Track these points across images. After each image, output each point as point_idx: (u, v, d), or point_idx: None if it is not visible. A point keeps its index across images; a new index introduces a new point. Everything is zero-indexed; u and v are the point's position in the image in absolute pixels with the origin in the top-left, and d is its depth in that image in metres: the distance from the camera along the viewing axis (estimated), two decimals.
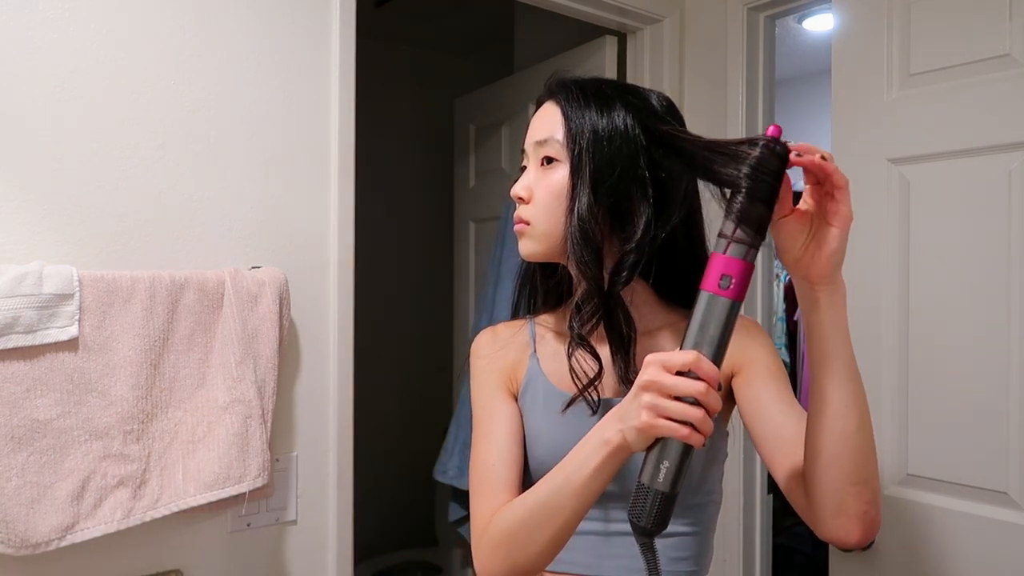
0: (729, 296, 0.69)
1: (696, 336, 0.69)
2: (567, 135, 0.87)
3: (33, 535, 0.98)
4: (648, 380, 0.66)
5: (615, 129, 0.85)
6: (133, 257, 1.14)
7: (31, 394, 1.00)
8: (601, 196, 0.84)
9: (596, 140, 0.85)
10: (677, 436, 0.65)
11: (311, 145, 1.31)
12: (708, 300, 0.69)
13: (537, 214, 0.88)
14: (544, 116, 0.91)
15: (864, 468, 0.71)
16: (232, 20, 1.22)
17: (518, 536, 0.79)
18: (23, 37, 1.05)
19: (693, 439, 0.65)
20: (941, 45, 1.32)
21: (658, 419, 0.65)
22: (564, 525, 0.76)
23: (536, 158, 0.90)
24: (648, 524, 0.68)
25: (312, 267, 1.31)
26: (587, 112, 0.86)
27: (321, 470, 1.32)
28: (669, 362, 0.66)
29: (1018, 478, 1.22)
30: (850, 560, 1.41)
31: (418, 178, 3.17)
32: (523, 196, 0.90)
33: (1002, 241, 1.24)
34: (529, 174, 0.91)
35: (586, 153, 0.85)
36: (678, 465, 0.67)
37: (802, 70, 3.42)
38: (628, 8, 1.77)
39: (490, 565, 0.82)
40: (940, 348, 1.31)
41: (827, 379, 0.71)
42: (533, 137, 0.91)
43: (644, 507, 0.68)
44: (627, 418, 0.69)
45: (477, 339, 1.00)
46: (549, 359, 0.94)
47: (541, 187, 0.88)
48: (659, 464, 0.67)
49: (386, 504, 3.00)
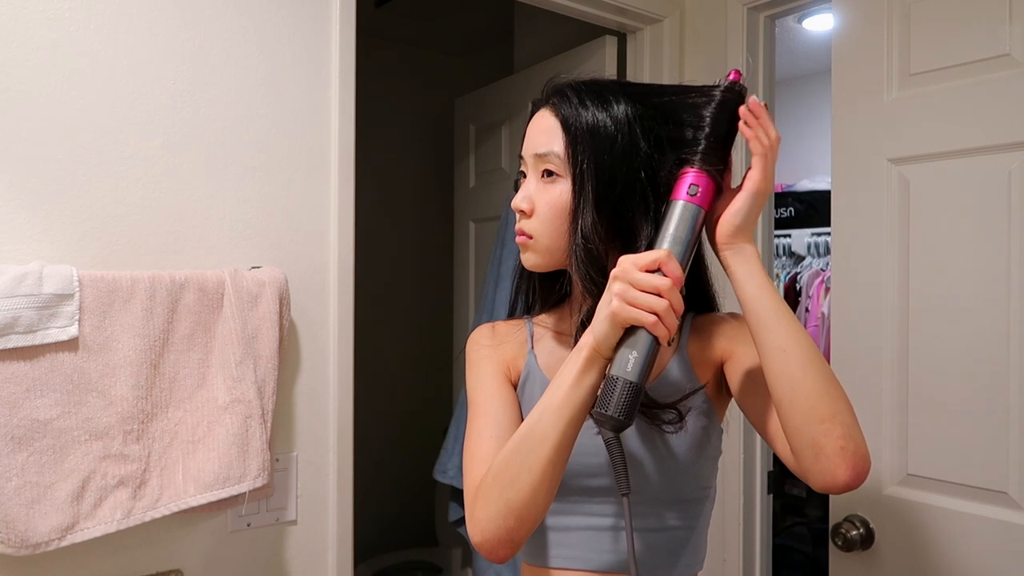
0: (696, 203, 0.79)
1: (667, 239, 0.77)
2: (567, 150, 0.86)
3: (33, 535, 0.98)
4: (619, 271, 0.73)
5: (616, 139, 0.84)
6: (133, 257, 1.14)
7: (31, 394, 1.00)
8: (604, 213, 0.84)
9: (598, 155, 0.84)
10: (644, 324, 0.72)
11: (311, 145, 1.31)
12: (679, 207, 0.79)
13: (539, 228, 0.88)
14: (542, 126, 0.89)
15: (823, 404, 0.72)
16: (232, 20, 1.22)
17: (509, 469, 0.77)
18: (23, 38, 1.05)
19: (658, 329, 0.72)
20: (941, 45, 1.32)
21: (626, 305, 0.72)
22: (553, 450, 0.76)
23: (536, 170, 0.89)
24: (616, 413, 0.72)
25: (312, 267, 1.31)
26: (587, 123, 0.85)
27: (321, 470, 1.32)
28: (640, 259, 0.73)
29: (1018, 478, 1.22)
30: (850, 560, 1.41)
31: (418, 178, 3.17)
32: (524, 209, 0.89)
33: (1002, 241, 1.24)
34: (530, 185, 0.90)
35: (588, 170, 0.84)
36: (645, 356, 0.73)
37: (802, 70, 3.42)
38: (628, 8, 1.77)
39: (484, 515, 0.78)
40: (940, 348, 1.31)
41: (758, 329, 0.77)
42: (532, 149, 0.89)
43: (612, 397, 0.72)
44: (598, 316, 0.74)
45: (476, 332, 1.00)
46: (546, 356, 0.94)
47: (543, 202, 0.87)
48: (627, 355, 0.73)
49: (386, 504, 3.00)
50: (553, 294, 0.99)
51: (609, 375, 0.73)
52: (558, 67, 1.98)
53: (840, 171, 1.46)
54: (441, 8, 2.81)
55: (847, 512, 1.41)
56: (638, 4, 1.78)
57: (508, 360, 0.95)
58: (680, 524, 0.90)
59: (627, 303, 0.72)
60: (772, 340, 0.76)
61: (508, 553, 0.79)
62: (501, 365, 0.94)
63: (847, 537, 1.38)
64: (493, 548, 0.79)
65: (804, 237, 3.16)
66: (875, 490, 1.38)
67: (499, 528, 0.77)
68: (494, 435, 0.87)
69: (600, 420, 0.74)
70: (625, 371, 0.72)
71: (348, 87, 1.34)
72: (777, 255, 3.15)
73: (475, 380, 0.94)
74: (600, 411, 0.73)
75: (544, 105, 0.90)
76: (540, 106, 0.91)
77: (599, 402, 0.73)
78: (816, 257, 3.11)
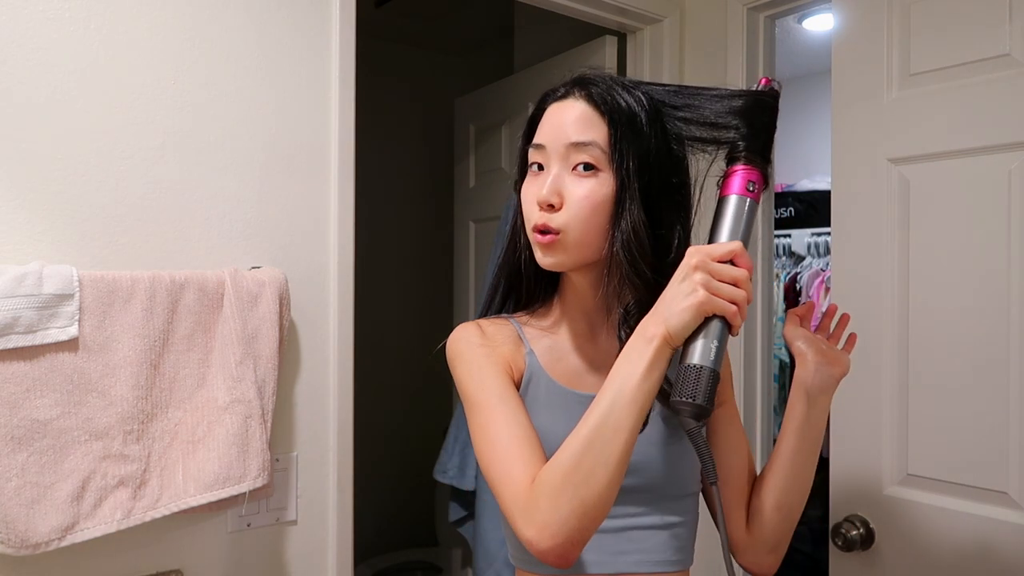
0: (754, 198, 0.80)
1: (731, 231, 0.78)
2: (612, 142, 0.83)
3: (33, 535, 0.98)
4: (699, 261, 0.74)
5: (650, 135, 0.84)
6: (133, 257, 1.14)
7: (31, 394, 0.99)
8: (650, 211, 0.84)
9: (640, 147, 0.83)
10: (727, 313, 0.73)
11: (311, 145, 1.31)
12: (739, 201, 0.79)
13: (571, 223, 0.83)
14: (572, 115, 0.85)
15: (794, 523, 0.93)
16: (232, 20, 1.22)
17: (581, 469, 0.73)
18: (23, 38, 1.05)
19: (737, 319, 0.74)
20: (941, 45, 1.32)
21: (712, 296, 0.72)
22: (626, 443, 0.74)
23: (568, 161, 0.84)
24: (704, 401, 0.73)
25: (312, 267, 1.31)
26: (627, 114, 0.83)
27: (321, 470, 1.32)
28: (715, 251, 0.74)
29: (1018, 478, 1.22)
30: (850, 560, 1.41)
31: (418, 178, 3.17)
32: (555, 203, 0.83)
33: (1002, 241, 1.24)
34: (558, 178, 0.84)
35: (634, 165, 0.82)
36: (723, 345, 0.75)
37: (802, 70, 3.42)
38: (628, 8, 1.77)
39: (555, 517, 0.73)
40: (940, 348, 1.31)
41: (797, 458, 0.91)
42: (565, 138, 0.84)
43: (699, 386, 0.73)
44: (674, 303, 0.74)
45: (461, 329, 0.93)
46: (548, 357, 0.92)
47: (579, 195, 0.83)
48: (709, 344, 0.74)
49: (386, 504, 3.00)
50: (537, 294, 0.97)
51: (690, 363, 0.73)
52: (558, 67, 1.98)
53: (840, 171, 1.46)
54: (441, 8, 2.81)
55: (847, 512, 1.41)
56: (638, 4, 1.78)
57: (508, 360, 0.91)
58: (679, 519, 0.90)
59: (712, 293, 0.72)
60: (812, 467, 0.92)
61: (577, 554, 0.76)
62: (504, 365, 0.89)
63: (847, 537, 1.38)
64: (566, 551, 0.74)
65: (804, 237, 3.16)
66: (875, 490, 1.38)
67: (574, 529, 0.73)
68: (517, 435, 0.81)
69: (684, 409, 0.73)
70: (709, 359, 0.73)
71: (348, 87, 1.34)
72: (777, 255, 3.15)
73: (479, 382, 0.87)
74: (687, 400, 0.72)
75: (571, 95, 0.86)
76: (563, 96, 0.87)
77: (680, 390, 0.73)
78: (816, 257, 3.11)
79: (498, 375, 0.87)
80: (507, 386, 0.86)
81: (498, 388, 0.86)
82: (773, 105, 0.83)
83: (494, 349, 0.90)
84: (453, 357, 0.91)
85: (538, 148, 0.87)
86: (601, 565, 0.87)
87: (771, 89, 0.83)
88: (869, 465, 1.39)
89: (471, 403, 0.87)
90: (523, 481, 0.77)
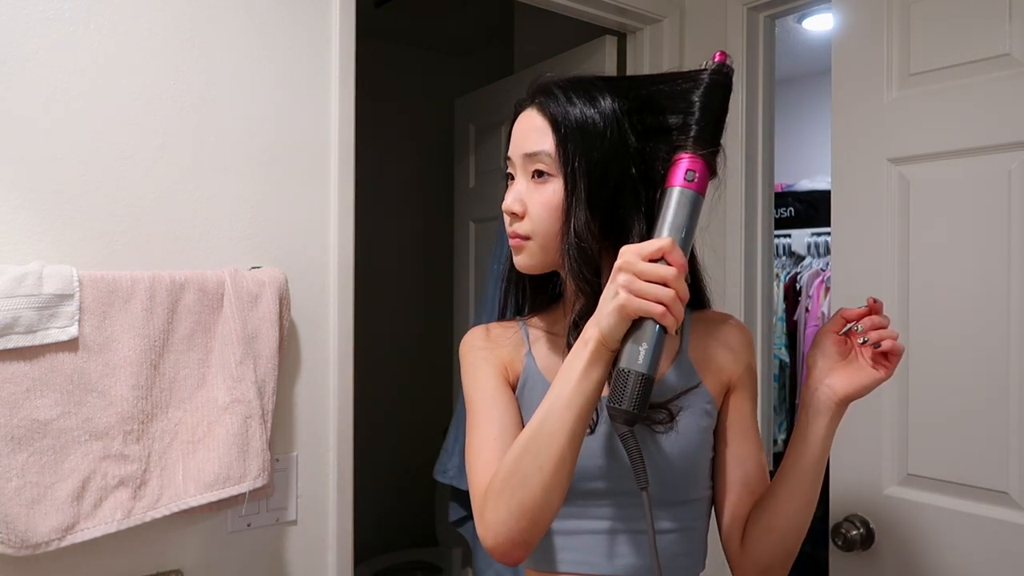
0: (694, 188, 0.78)
1: (666, 226, 0.76)
2: (558, 148, 0.84)
3: (33, 535, 0.98)
4: (623, 262, 0.72)
5: (605, 134, 0.83)
6: (133, 257, 1.14)
7: (31, 394, 0.99)
8: (597, 211, 0.83)
9: (588, 152, 0.83)
10: (653, 314, 0.70)
11: (311, 145, 1.31)
12: (677, 193, 0.77)
13: (533, 229, 0.87)
14: (530, 126, 0.88)
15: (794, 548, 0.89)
16: (232, 20, 1.22)
17: (518, 473, 0.76)
18: (23, 38, 1.05)
19: (667, 319, 0.71)
20: (941, 45, 1.32)
21: (633, 297, 0.71)
22: (564, 447, 0.75)
23: (526, 170, 0.88)
24: (630, 407, 0.71)
25: (312, 267, 1.31)
26: (576, 120, 0.84)
27: (321, 470, 1.32)
28: (643, 249, 0.72)
29: (1018, 478, 1.22)
30: (850, 560, 1.41)
31: (418, 178, 3.17)
32: (517, 211, 0.87)
33: (1002, 241, 1.24)
34: (519, 186, 0.88)
35: (580, 168, 0.83)
36: (655, 347, 0.72)
37: (802, 70, 3.42)
38: (628, 8, 1.77)
39: (495, 518, 0.77)
40: (940, 347, 1.31)
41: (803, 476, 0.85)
42: (521, 149, 0.88)
43: (625, 391, 0.71)
44: (603, 308, 0.73)
45: (469, 334, 0.98)
46: (544, 358, 0.93)
47: (535, 202, 0.86)
48: (637, 347, 0.72)
49: (386, 504, 3.00)
50: (544, 295, 0.98)
51: (619, 368, 0.72)
52: (558, 67, 1.98)
53: (840, 171, 1.46)
54: (441, 8, 2.81)
55: (847, 512, 1.41)
56: (638, 4, 1.78)
57: (506, 362, 0.93)
58: (675, 525, 0.89)
59: (634, 295, 0.71)
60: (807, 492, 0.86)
61: (522, 555, 0.78)
62: (499, 367, 0.92)
63: (847, 537, 1.38)
64: (507, 551, 0.78)
65: (804, 237, 3.15)
66: (875, 490, 1.38)
67: (512, 530, 0.76)
68: (497, 438, 0.85)
69: (614, 414, 0.73)
70: (636, 363, 0.72)
71: (348, 87, 1.34)
72: (777, 255, 3.15)
73: (473, 383, 0.92)
74: (614, 404, 0.72)
75: (530, 104, 0.89)
76: (525, 106, 0.90)
77: (611, 396, 0.73)
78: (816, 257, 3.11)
79: (490, 376, 0.91)
80: (497, 387, 0.90)
81: (487, 388, 0.90)
82: (725, 84, 0.80)
83: (492, 352, 0.93)
84: (460, 360, 0.96)
85: (508, 159, 0.91)
86: (592, 566, 0.87)
87: (723, 66, 0.81)
88: (869, 465, 1.39)
89: (467, 403, 0.91)
90: (483, 483, 0.82)
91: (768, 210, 1.82)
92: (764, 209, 1.80)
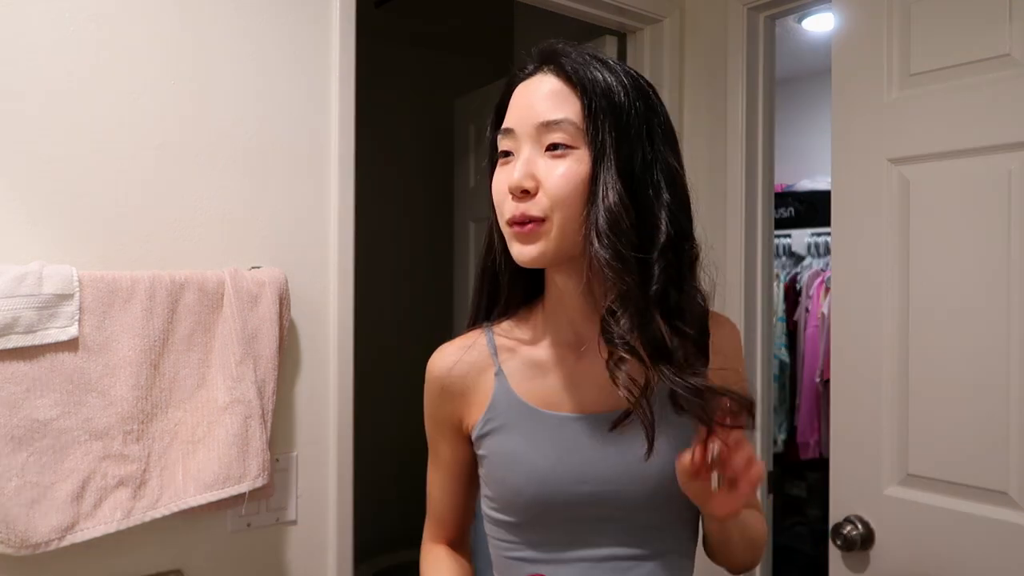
0: None
1: None
2: (586, 115, 0.74)
3: (33, 535, 0.98)
4: None
5: (630, 104, 0.75)
6: (133, 257, 1.14)
7: (31, 394, 0.99)
8: (629, 185, 0.73)
9: (617, 117, 0.73)
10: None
11: (311, 145, 1.31)
12: None
13: (553, 206, 0.74)
14: (543, 91, 0.76)
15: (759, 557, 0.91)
16: (232, 20, 1.22)
17: None
18: (23, 38, 1.05)
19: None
20: (941, 45, 1.32)
21: None
22: None
23: (539, 143, 0.75)
24: None
25: (312, 267, 1.31)
26: (602, 86, 0.74)
27: (321, 470, 1.32)
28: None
29: (1018, 478, 1.22)
30: (850, 560, 1.41)
31: (418, 178, 3.17)
32: (529, 187, 0.74)
33: (1002, 241, 1.24)
34: (530, 162, 0.75)
35: (609, 135, 0.73)
36: None
37: (802, 70, 3.41)
38: (628, 8, 1.77)
39: None
40: (940, 348, 1.31)
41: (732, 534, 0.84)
42: (535, 118, 0.75)
43: None
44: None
45: (429, 368, 0.90)
46: (521, 374, 0.84)
47: (556, 177, 0.74)
48: None
49: (386, 504, 3.00)
50: (516, 297, 0.88)
51: None
52: None
53: (840, 171, 1.46)
54: (441, 8, 2.81)
55: (847, 512, 1.41)
56: (638, 4, 1.78)
57: (460, 413, 0.87)
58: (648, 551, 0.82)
59: None
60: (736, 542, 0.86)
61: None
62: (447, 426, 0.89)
63: (847, 537, 1.38)
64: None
65: (804, 237, 3.16)
66: (875, 490, 1.38)
67: None
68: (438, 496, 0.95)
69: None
70: None
71: (348, 87, 1.34)
72: (777, 255, 3.15)
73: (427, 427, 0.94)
74: None
75: (540, 71, 0.78)
76: (529, 74, 0.79)
77: None
78: (816, 257, 3.11)
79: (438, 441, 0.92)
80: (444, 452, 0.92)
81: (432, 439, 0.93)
82: None
83: (442, 407, 0.89)
84: None
85: (507, 133, 0.78)
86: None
87: None
88: (869, 465, 1.39)
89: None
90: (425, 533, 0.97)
91: (768, 210, 1.82)
92: (764, 209, 1.80)
